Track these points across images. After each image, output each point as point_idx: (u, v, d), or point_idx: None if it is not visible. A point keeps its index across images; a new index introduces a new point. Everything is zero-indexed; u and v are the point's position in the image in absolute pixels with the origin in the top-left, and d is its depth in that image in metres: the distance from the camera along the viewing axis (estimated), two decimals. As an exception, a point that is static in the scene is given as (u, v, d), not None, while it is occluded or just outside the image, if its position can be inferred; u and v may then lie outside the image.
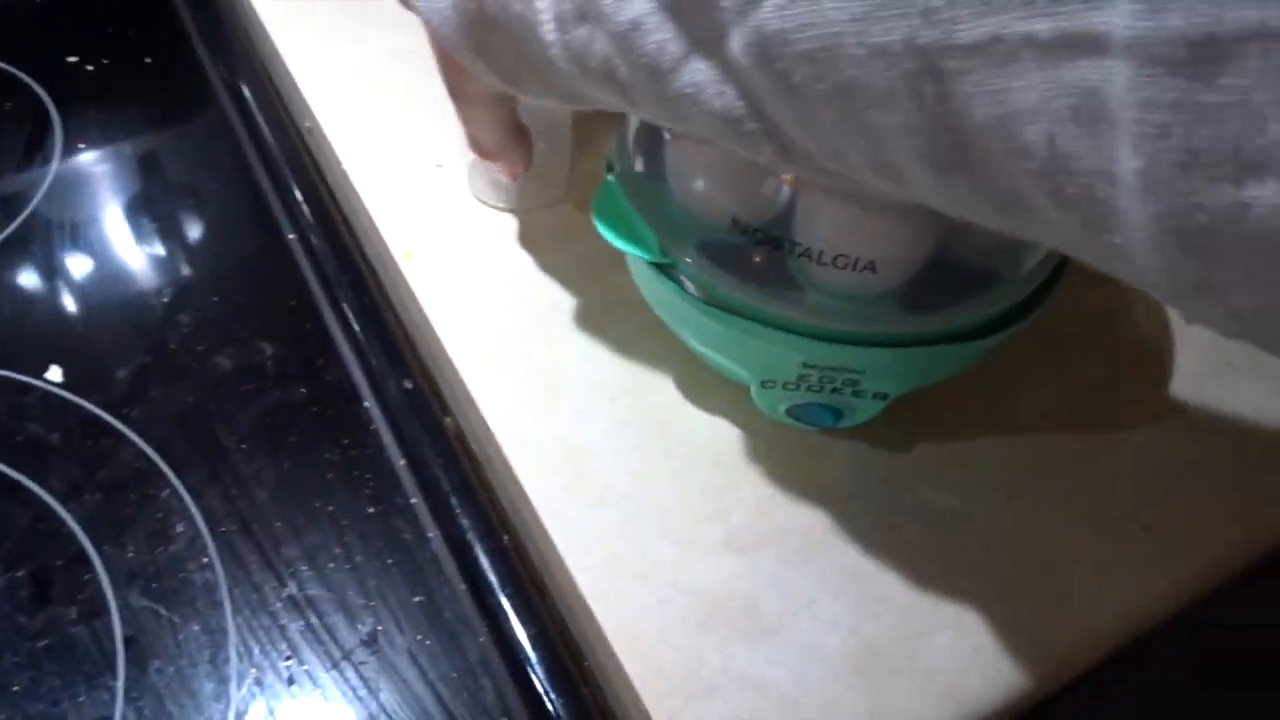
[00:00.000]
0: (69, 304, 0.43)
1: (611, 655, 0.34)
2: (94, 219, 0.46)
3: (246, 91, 0.52)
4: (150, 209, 0.46)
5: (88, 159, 0.48)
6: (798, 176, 0.31)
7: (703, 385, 0.40)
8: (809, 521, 0.37)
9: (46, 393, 0.40)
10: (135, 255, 0.45)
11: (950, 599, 0.35)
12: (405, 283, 0.43)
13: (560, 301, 0.42)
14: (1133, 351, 0.43)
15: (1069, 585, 0.36)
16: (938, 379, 0.36)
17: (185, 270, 0.44)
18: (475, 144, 0.38)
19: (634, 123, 0.36)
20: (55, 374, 0.41)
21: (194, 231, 0.46)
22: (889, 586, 0.36)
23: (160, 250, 0.45)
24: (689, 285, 0.34)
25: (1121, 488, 0.38)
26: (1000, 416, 0.40)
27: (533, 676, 0.35)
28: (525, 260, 0.44)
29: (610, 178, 0.36)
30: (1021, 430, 0.40)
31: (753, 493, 0.38)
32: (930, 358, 0.33)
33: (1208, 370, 0.42)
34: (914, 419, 0.39)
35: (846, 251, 0.31)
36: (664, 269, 0.34)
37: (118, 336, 0.42)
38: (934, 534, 0.37)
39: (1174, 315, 0.44)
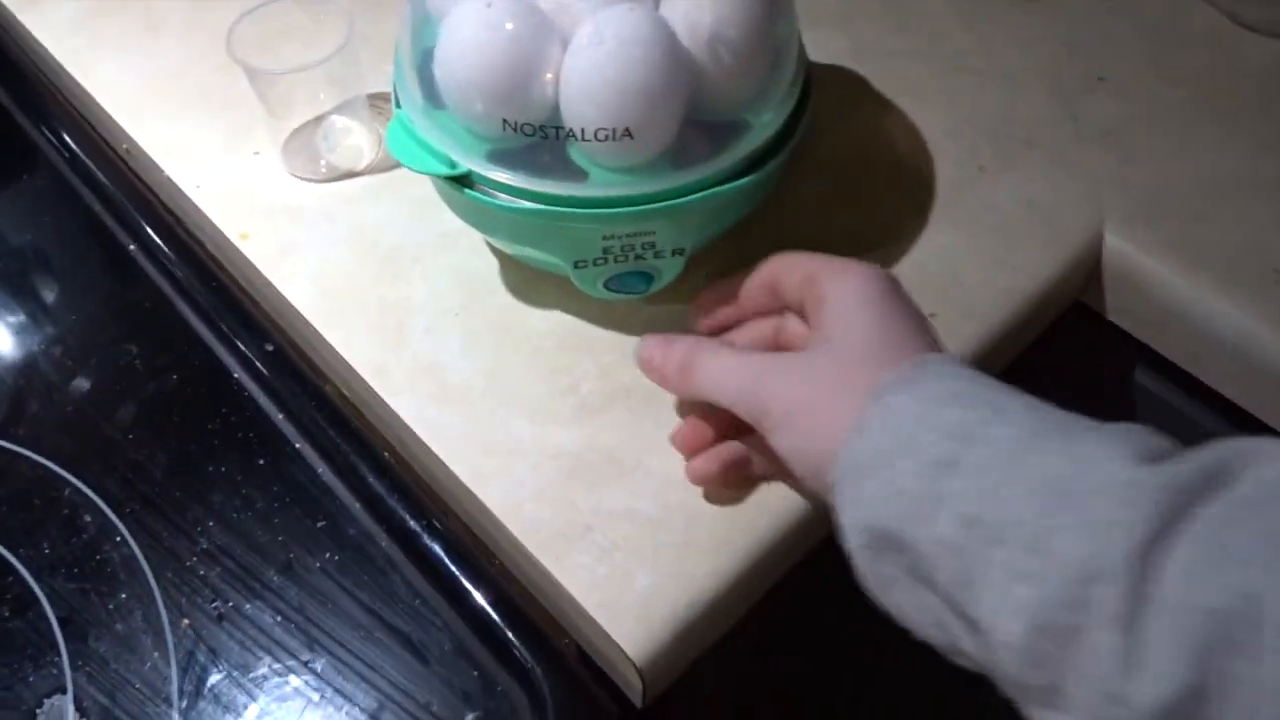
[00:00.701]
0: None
1: (497, 523, 0.39)
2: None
3: (63, 133, 0.54)
4: (-7, 255, 0.49)
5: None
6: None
7: (532, 284, 0.44)
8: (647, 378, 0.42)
9: (-71, 434, 0.43)
10: (-11, 298, 0.47)
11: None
12: (247, 261, 0.46)
13: (395, 245, 0.46)
14: (897, 169, 0.49)
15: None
16: (722, 227, 0.42)
17: (38, 297, 0.47)
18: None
19: (406, 60, 0.40)
20: (-66, 416, 0.43)
21: (37, 263, 0.49)
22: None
23: (7, 286, 0.48)
24: (488, 191, 0.39)
25: (907, 285, 0.44)
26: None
27: (437, 564, 0.40)
28: (354, 218, 0.47)
29: (399, 111, 0.40)
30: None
31: (595, 364, 0.43)
32: (705, 204, 0.38)
33: (964, 176, 0.49)
34: (721, 274, 0.44)
35: (603, 124, 0.36)
36: (462, 182, 0.39)
37: (-11, 372, 0.45)
38: (753, 359, 0.42)
39: (929, 135, 0.50)
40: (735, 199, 0.40)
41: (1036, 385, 0.40)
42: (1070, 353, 0.52)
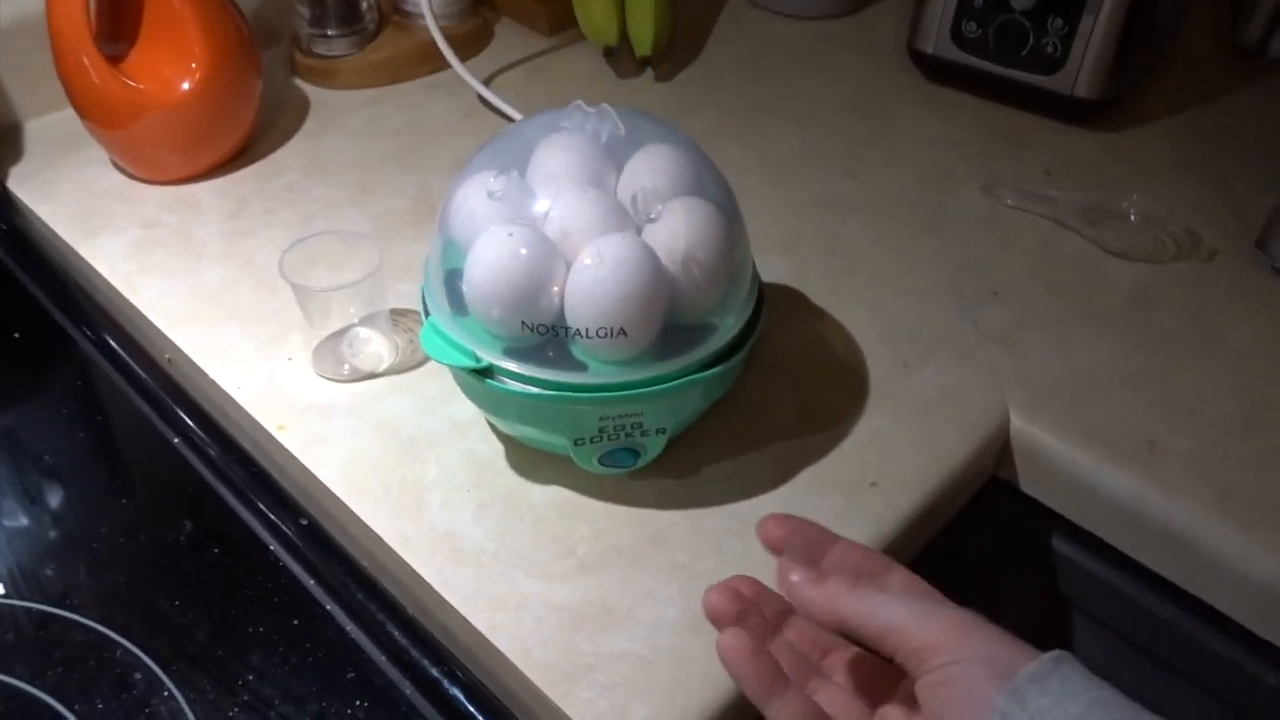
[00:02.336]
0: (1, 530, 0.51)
1: (510, 666, 0.44)
2: (3, 469, 0.54)
3: (113, 345, 0.62)
4: (47, 446, 0.55)
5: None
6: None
7: (534, 464, 0.52)
8: (635, 539, 0.49)
9: (-8, 605, 0.47)
10: (45, 484, 0.53)
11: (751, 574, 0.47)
12: (283, 449, 0.53)
13: (413, 434, 0.54)
14: (837, 366, 0.58)
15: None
16: (695, 410, 0.50)
17: (92, 486, 0.53)
18: None
19: (435, 277, 0.49)
20: (-3, 589, 0.48)
21: (90, 457, 0.55)
22: (705, 568, 0.48)
23: (65, 476, 0.53)
24: (505, 381, 0.47)
25: (849, 461, 0.53)
26: (756, 437, 0.54)
27: (458, 708, 0.44)
28: (377, 412, 0.55)
29: (429, 318, 0.49)
30: (772, 439, 0.54)
31: (590, 529, 0.49)
32: (682, 390, 0.47)
33: (891, 371, 0.58)
34: (696, 454, 0.52)
35: (601, 325, 0.45)
36: (482, 373, 0.47)
37: (45, 549, 0.50)
38: (729, 525, 0.49)
39: (860, 338, 0.60)
40: (706, 386, 0.48)
41: (967, 554, 0.47)
42: (994, 524, 0.60)
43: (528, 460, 0.52)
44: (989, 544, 0.64)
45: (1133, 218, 0.69)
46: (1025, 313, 0.63)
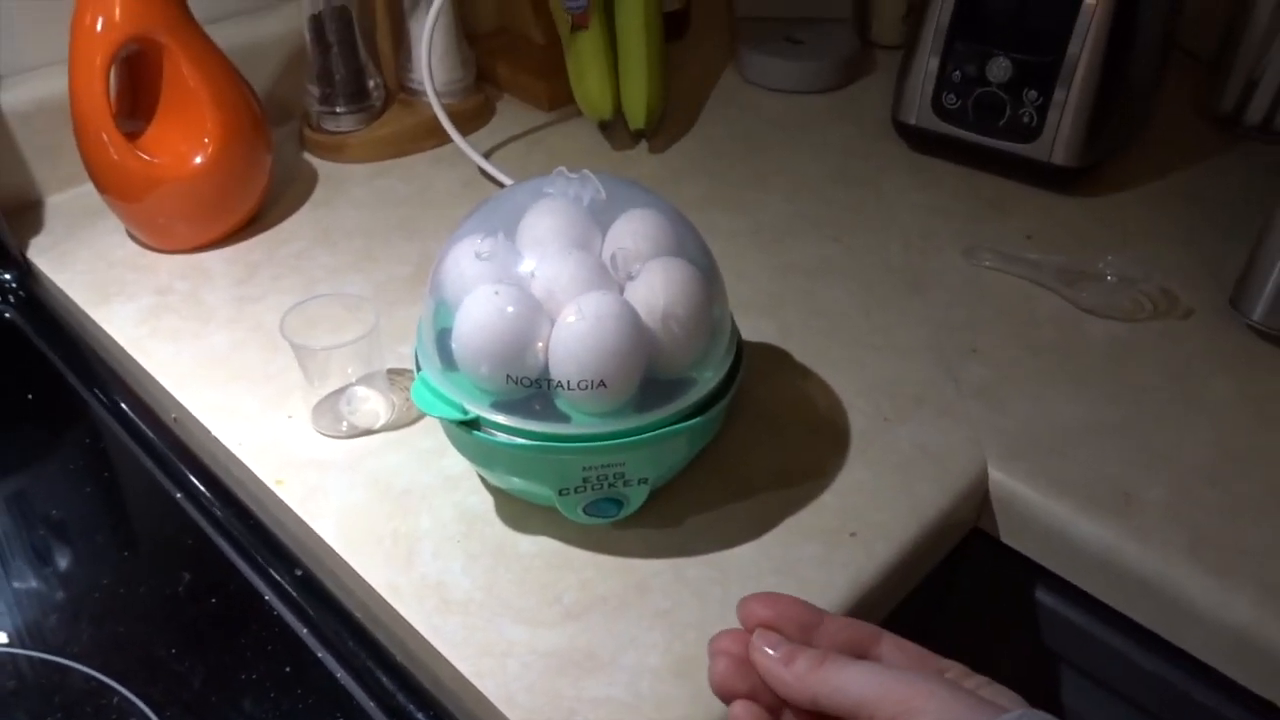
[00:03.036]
0: (2, 587, 0.52)
1: (495, 712, 0.45)
2: (9, 518, 0.56)
3: (121, 404, 0.64)
4: (54, 502, 0.57)
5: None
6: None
7: (522, 515, 0.54)
8: (620, 587, 0.50)
9: (-3, 654, 0.49)
10: (50, 537, 0.55)
11: (731, 619, 0.48)
12: (281, 503, 0.55)
13: (406, 487, 0.56)
14: (819, 420, 0.60)
15: (806, 590, 0.50)
16: (676, 461, 0.52)
17: (96, 539, 0.55)
18: None
19: (428, 336, 0.52)
20: (1, 638, 0.50)
21: (95, 511, 0.57)
22: (687, 615, 0.49)
23: (70, 530, 0.55)
24: (491, 432, 0.49)
25: (829, 511, 0.54)
26: (738, 488, 0.55)
27: (440, 752, 0.45)
28: (372, 467, 0.57)
29: (421, 373, 0.51)
30: (754, 491, 0.55)
31: (576, 578, 0.51)
32: (662, 441, 0.49)
33: (872, 426, 0.60)
34: (679, 504, 0.54)
35: (583, 378, 0.47)
36: (471, 425, 0.49)
37: (48, 600, 0.52)
38: (711, 573, 0.51)
39: (842, 395, 0.62)
40: (686, 437, 0.50)
41: (952, 606, 0.48)
42: (977, 575, 0.61)
43: (517, 512, 0.54)
44: (973, 596, 0.65)
45: (1110, 278, 0.71)
46: (1004, 369, 0.64)
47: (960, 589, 0.64)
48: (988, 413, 0.61)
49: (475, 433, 0.49)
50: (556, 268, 0.50)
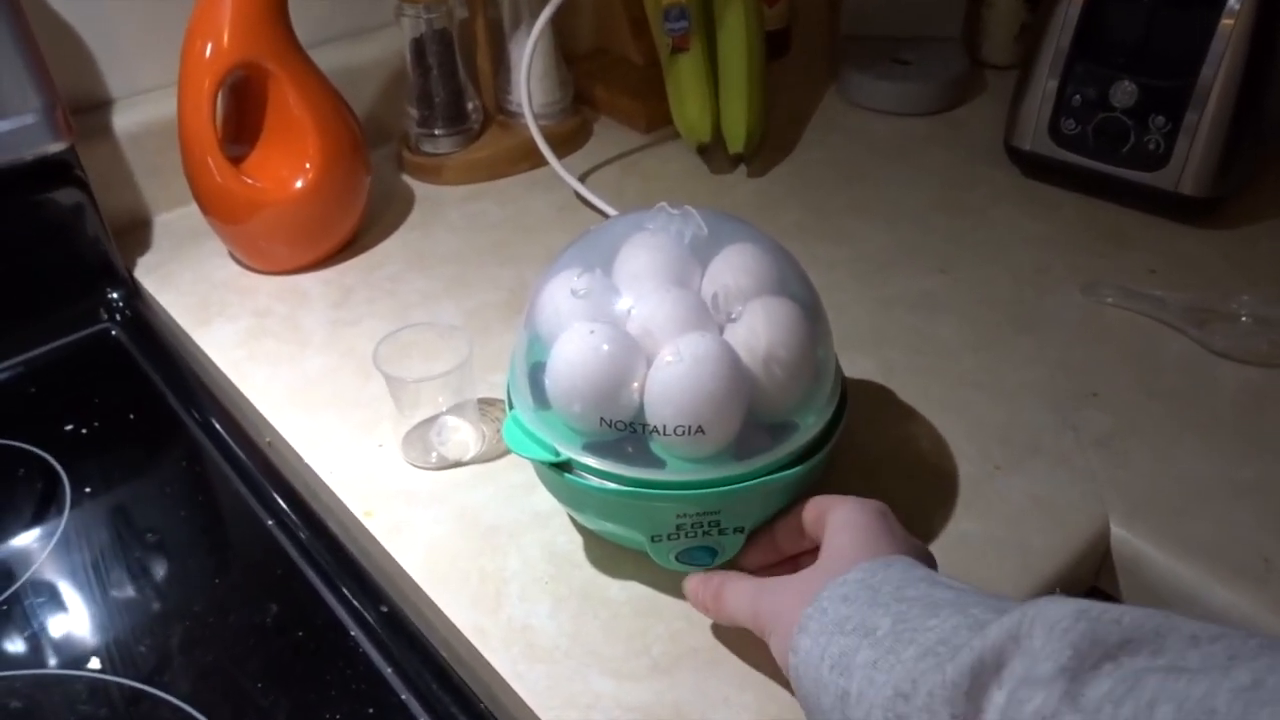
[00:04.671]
0: (98, 609, 0.53)
1: (580, 768, 0.43)
2: (107, 542, 0.56)
3: (217, 427, 0.65)
4: (150, 524, 0.58)
5: (94, 499, 0.59)
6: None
7: (612, 558, 0.52)
8: (713, 640, 0.48)
9: (90, 679, 0.49)
10: (146, 561, 0.55)
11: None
12: (369, 535, 0.54)
13: (494, 524, 0.54)
14: (923, 466, 0.57)
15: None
16: (774, 509, 0.49)
17: (189, 565, 0.55)
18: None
19: (520, 371, 0.51)
20: (94, 664, 0.50)
21: (189, 536, 0.57)
22: (783, 676, 0.46)
23: (165, 555, 0.56)
24: (583, 475, 0.47)
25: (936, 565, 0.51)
26: (836, 535, 0.53)
27: (523, 807, 0.44)
28: (460, 501, 0.56)
29: (512, 411, 0.49)
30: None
31: (666, 628, 0.49)
32: (761, 490, 0.47)
33: (980, 474, 0.56)
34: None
35: (680, 423, 0.45)
36: (562, 467, 0.47)
37: (141, 625, 0.52)
38: (805, 627, 0.48)
39: (949, 439, 0.59)
40: (786, 487, 0.48)
41: None
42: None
43: (606, 554, 0.52)
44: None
45: (1244, 318, 0.66)
46: (1127, 416, 0.60)
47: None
48: (1109, 464, 0.57)
49: (566, 475, 0.47)
50: (654, 306, 0.48)
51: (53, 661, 0.50)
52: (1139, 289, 0.69)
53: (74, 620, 0.52)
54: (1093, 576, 0.55)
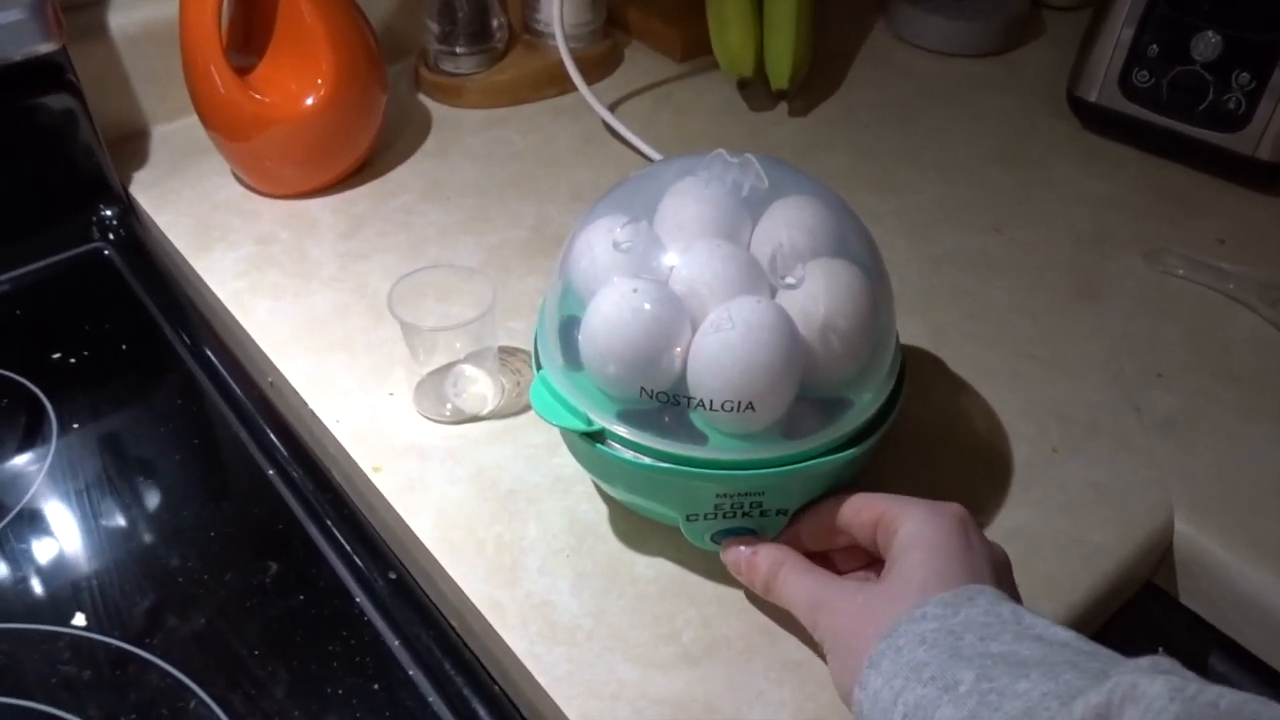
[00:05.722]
0: (84, 559, 0.49)
1: (602, 764, 0.40)
2: (94, 485, 0.53)
3: (214, 360, 0.60)
4: (141, 468, 0.54)
5: (82, 436, 0.55)
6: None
7: (640, 532, 0.48)
8: (746, 628, 0.45)
9: (74, 637, 0.46)
10: (135, 508, 0.51)
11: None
12: (377, 493, 0.50)
13: (513, 487, 0.50)
14: (976, 446, 0.53)
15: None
16: (821, 491, 0.45)
17: (183, 514, 0.51)
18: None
19: (550, 326, 0.46)
20: (79, 620, 0.46)
21: (184, 481, 0.53)
22: (820, 669, 0.43)
23: (157, 501, 0.52)
24: (615, 447, 0.43)
25: (988, 558, 0.47)
26: (882, 518, 0.49)
27: (538, 801, 0.41)
28: (477, 459, 0.52)
29: (541, 371, 0.45)
30: (901, 526, 0.48)
31: (698, 613, 0.45)
32: (810, 472, 0.42)
33: (1037, 456, 0.52)
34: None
35: (728, 397, 0.40)
36: (594, 437, 0.43)
37: (130, 580, 0.48)
38: (847, 619, 0.45)
39: (1003, 416, 0.54)
40: (837, 469, 0.44)
41: None
42: (1143, 634, 0.54)
43: (634, 527, 0.48)
44: (1135, 654, 0.57)
45: (1320, 299, 0.61)
46: (1193, 399, 0.56)
47: (1117, 642, 0.57)
48: (1175, 451, 0.53)
49: (599, 446, 0.43)
50: (702, 263, 0.43)
51: (34, 616, 0.47)
52: (1207, 260, 0.65)
53: (57, 572, 0.49)
54: (1150, 572, 0.52)
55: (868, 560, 0.44)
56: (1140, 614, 0.52)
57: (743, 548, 0.44)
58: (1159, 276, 0.65)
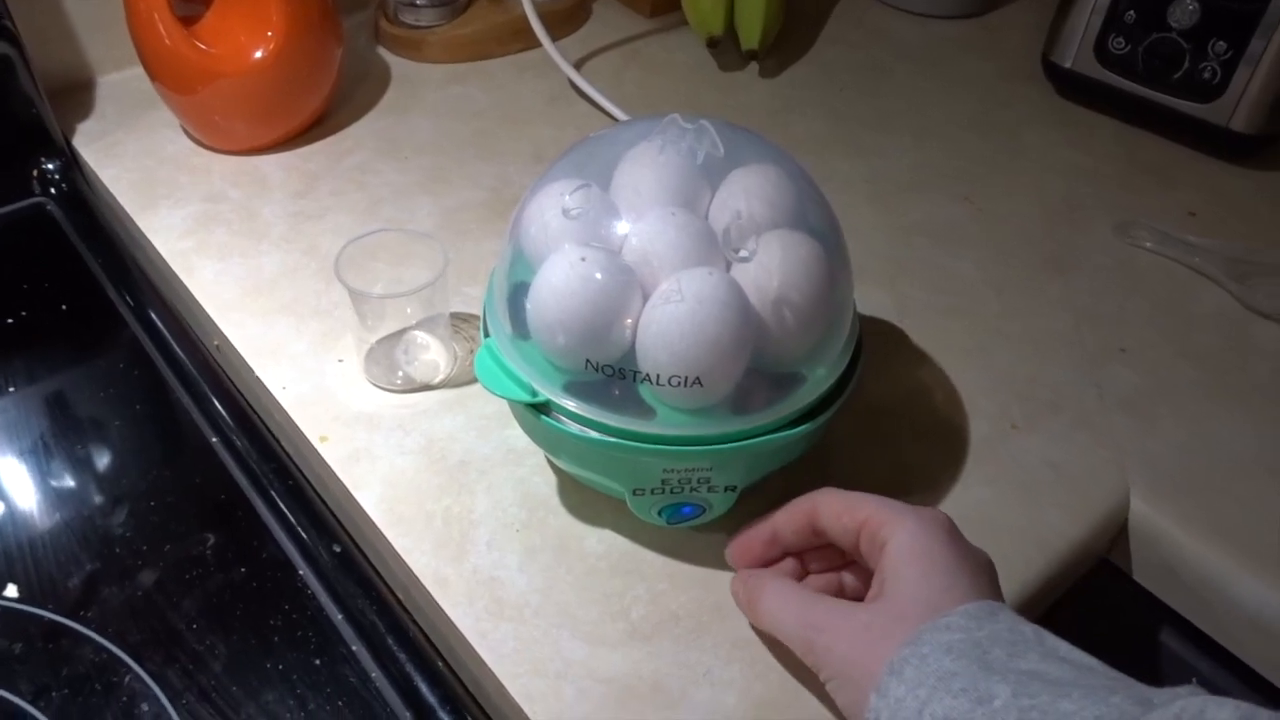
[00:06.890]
0: (17, 528, 0.48)
1: (544, 744, 0.39)
2: (30, 451, 0.51)
3: (158, 322, 0.58)
4: (80, 433, 0.52)
5: (17, 400, 0.53)
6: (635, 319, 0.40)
7: (591, 506, 0.47)
8: (696, 605, 0.44)
9: (5, 609, 0.44)
10: (72, 476, 0.50)
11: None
12: (324, 463, 0.49)
13: (463, 459, 0.49)
14: (935, 421, 0.52)
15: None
16: (771, 468, 0.45)
17: (121, 483, 0.50)
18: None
19: (499, 293, 0.45)
20: (11, 591, 0.45)
21: (124, 449, 0.52)
22: (769, 649, 0.42)
23: (95, 469, 0.50)
24: (562, 419, 0.42)
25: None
26: (837, 494, 0.48)
27: (479, 780, 0.40)
28: (426, 430, 0.51)
29: (487, 339, 0.44)
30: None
31: (646, 590, 0.44)
32: (759, 449, 0.41)
33: (996, 433, 0.52)
34: (768, 508, 0.47)
35: (676, 372, 0.39)
36: (540, 409, 0.42)
37: (65, 550, 0.47)
38: (798, 597, 0.44)
39: (964, 392, 0.54)
40: (787, 446, 0.43)
41: (1061, 634, 0.42)
42: (1096, 608, 0.54)
43: (585, 501, 0.47)
44: (1087, 627, 0.57)
45: (1289, 275, 0.61)
46: (1157, 376, 0.55)
47: (1070, 616, 0.57)
48: (1135, 431, 0.52)
49: (543, 417, 0.42)
50: (655, 232, 0.42)
51: (-37, 585, 0.45)
52: (1176, 234, 0.64)
53: (-13, 539, 0.47)
54: (1105, 549, 0.51)
55: (842, 560, 0.43)
56: (1092, 585, 0.52)
57: (733, 558, 0.43)
58: (1128, 249, 0.64)
